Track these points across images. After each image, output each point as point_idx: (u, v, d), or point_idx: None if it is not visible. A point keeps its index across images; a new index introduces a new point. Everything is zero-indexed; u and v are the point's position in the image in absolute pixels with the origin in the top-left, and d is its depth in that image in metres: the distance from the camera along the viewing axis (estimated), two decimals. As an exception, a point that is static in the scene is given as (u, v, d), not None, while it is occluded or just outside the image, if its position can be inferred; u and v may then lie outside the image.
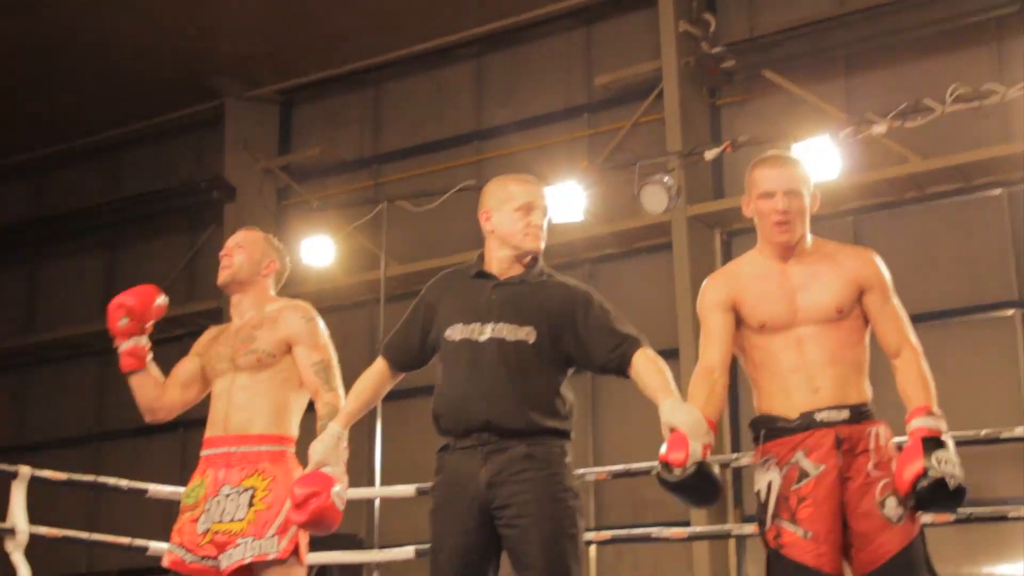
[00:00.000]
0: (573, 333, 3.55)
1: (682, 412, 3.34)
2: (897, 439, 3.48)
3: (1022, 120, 9.43)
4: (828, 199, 9.79)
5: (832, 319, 3.45)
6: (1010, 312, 9.64)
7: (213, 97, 13.22)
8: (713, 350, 3.52)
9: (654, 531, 6.23)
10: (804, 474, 3.37)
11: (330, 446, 3.70)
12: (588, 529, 8.41)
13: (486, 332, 3.53)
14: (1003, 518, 5.71)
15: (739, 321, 3.54)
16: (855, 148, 8.57)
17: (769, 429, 3.46)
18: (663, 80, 10.72)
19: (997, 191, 9.83)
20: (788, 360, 3.45)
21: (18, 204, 14.94)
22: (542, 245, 3.67)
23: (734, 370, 3.63)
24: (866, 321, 3.52)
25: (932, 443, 3.29)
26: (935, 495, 3.25)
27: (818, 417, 3.39)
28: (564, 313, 3.56)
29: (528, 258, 3.69)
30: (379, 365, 3.79)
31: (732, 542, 9.69)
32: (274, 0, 11.65)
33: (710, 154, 8.89)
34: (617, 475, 5.93)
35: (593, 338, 3.54)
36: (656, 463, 3.34)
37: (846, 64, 10.54)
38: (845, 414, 3.39)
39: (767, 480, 3.41)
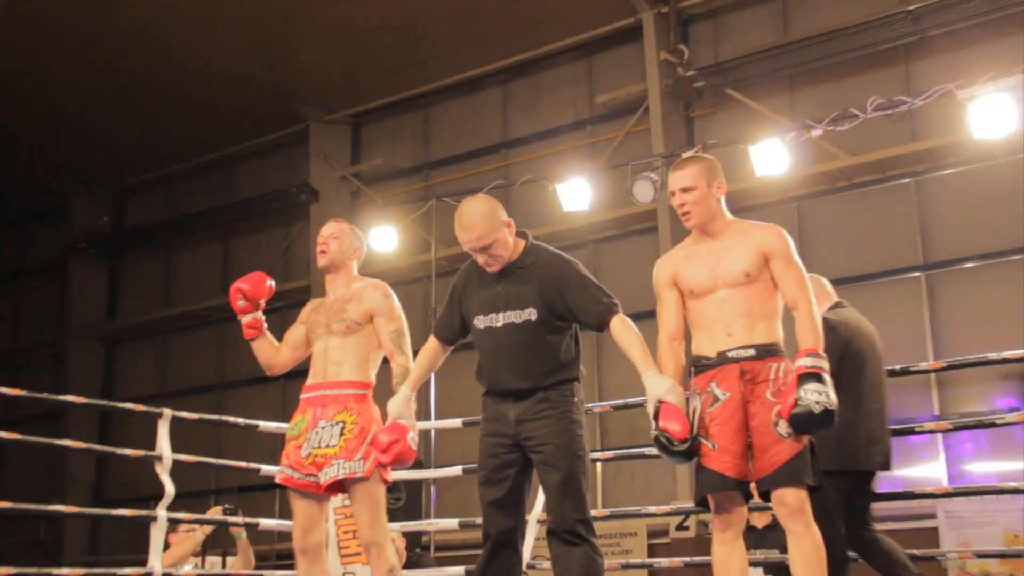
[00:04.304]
0: (563, 303, 3.61)
1: (664, 386, 3.36)
2: None
3: (926, 124, 9.45)
4: (777, 189, 9.99)
5: (743, 282, 3.40)
6: (917, 274, 9.64)
7: (300, 121, 13.28)
8: (670, 319, 3.53)
9: (646, 451, 6.17)
10: (716, 399, 3.36)
11: (403, 404, 3.80)
12: (594, 450, 8.50)
13: (500, 319, 3.64)
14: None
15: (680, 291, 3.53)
16: (798, 148, 8.56)
17: (696, 366, 3.46)
18: (648, 98, 10.70)
19: (907, 180, 9.82)
20: (711, 314, 3.43)
21: (154, 209, 15.06)
22: (500, 265, 3.65)
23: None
24: (775, 281, 3.43)
25: (806, 377, 3.22)
26: (806, 419, 3.19)
27: (729, 355, 3.37)
28: (555, 289, 3.61)
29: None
30: (432, 342, 3.86)
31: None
32: (344, 45, 11.73)
33: (686, 155, 8.86)
34: (617, 407, 5.95)
35: (577, 306, 3.60)
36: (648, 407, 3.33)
37: (790, 82, 10.49)
38: (751, 352, 3.35)
39: (693, 406, 3.39)
